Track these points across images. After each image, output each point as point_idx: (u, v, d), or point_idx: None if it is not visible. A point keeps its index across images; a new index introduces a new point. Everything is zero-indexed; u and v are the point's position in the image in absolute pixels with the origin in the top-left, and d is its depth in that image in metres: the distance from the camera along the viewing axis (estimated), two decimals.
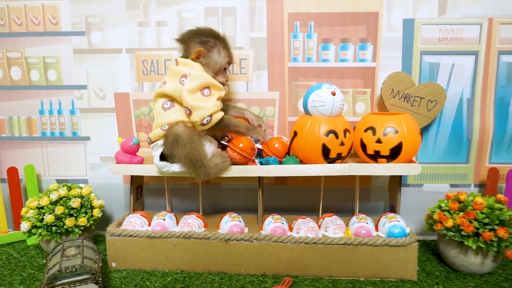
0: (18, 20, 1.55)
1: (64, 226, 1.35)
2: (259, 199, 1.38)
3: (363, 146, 1.27)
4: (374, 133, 1.24)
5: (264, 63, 1.49)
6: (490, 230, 1.18)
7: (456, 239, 1.21)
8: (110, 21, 1.52)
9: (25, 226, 1.36)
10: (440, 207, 1.30)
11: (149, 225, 1.35)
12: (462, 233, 1.20)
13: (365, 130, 1.26)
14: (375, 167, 1.27)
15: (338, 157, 1.28)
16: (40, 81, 1.59)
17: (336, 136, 1.25)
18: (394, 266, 1.21)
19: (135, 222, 1.33)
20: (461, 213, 1.23)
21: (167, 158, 1.27)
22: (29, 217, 1.36)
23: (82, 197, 1.43)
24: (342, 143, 1.26)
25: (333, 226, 1.28)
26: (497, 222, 1.19)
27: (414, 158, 1.46)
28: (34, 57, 1.57)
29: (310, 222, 1.30)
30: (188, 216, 1.36)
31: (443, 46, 1.44)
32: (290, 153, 1.38)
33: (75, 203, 1.38)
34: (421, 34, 1.43)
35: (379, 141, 1.23)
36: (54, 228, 1.35)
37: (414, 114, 1.41)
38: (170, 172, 1.28)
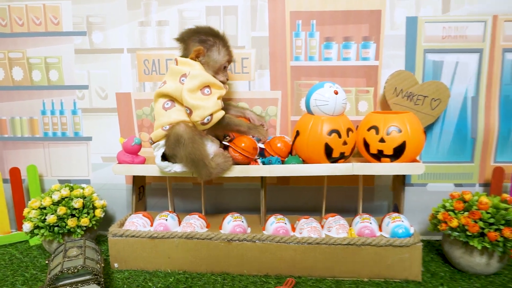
0: (20, 21, 1.55)
1: (66, 227, 1.35)
2: (262, 199, 1.37)
3: (366, 146, 1.26)
4: (377, 132, 1.23)
5: (266, 62, 1.48)
6: (496, 230, 1.17)
7: (461, 240, 1.20)
8: (111, 21, 1.52)
9: (27, 227, 1.36)
10: (445, 207, 1.29)
11: (151, 226, 1.35)
12: (467, 233, 1.19)
13: (368, 129, 1.25)
14: (379, 167, 1.26)
15: (341, 157, 1.27)
16: (42, 82, 1.59)
17: (339, 136, 1.24)
18: (398, 267, 1.20)
19: (137, 223, 1.33)
20: (466, 213, 1.22)
21: (169, 158, 1.27)
22: (31, 218, 1.36)
23: (84, 198, 1.43)
24: (345, 143, 1.25)
25: (336, 226, 1.27)
26: (503, 222, 1.17)
27: (418, 158, 1.44)
28: (36, 58, 1.57)
29: (313, 222, 1.29)
30: (190, 217, 1.36)
31: (447, 44, 1.42)
32: (293, 153, 1.37)
33: (77, 204, 1.38)
34: (425, 32, 1.42)
35: (383, 140, 1.22)
36: (56, 229, 1.35)
37: (418, 113, 1.40)
38: (172, 172, 1.28)
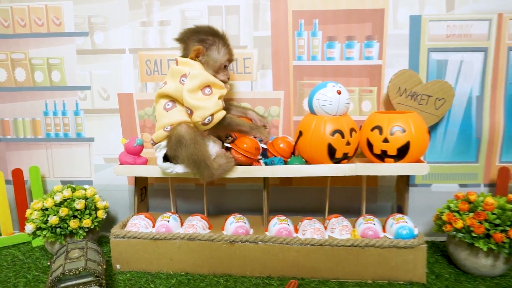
0: (22, 22, 1.55)
1: (68, 228, 1.35)
2: (264, 200, 1.36)
3: (370, 146, 1.25)
4: (381, 132, 1.22)
5: (269, 62, 1.47)
6: (502, 232, 1.15)
7: (466, 241, 1.18)
8: (113, 21, 1.51)
9: (30, 228, 1.36)
10: (449, 208, 1.27)
11: (154, 227, 1.34)
12: (473, 235, 1.17)
13: (372, 129, 1.24)
14: (382, 167, 1.24)
15: (344, 157, 1.25)
16: (44, 82, 1.59)
17: (342, 136, 1.22)
18: (402, 268, 1.18)
19: (139, 224, 1.32)
20: (471, 214, 1.20)
21: (171, 159, 1.26)
22: (34, 219, 1.36)
23: (86, 199, 1.42)
24: (348, 143, 1.24)
25: (340, 227, 1.26)
26: (509, 223, 1.16)
27: (422, 158, 1.43)
28: (38, 58, 1.57)
29: (316, 223, 1.28)
30: (193, 218, 1.35)
31: (451, 43, 1.40)
32: (295, 153, 1.36)
33: (79, 205, 1.37)
34: (428, 31, 1.41)
35: (386, 141, 1.21)
36: (59, 230, 1.35)
37: (422, 113, 1.38)
38: (174, 174, 1.27)
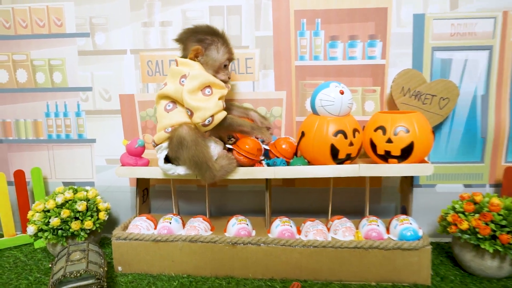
0: (23, 23, 1.55)
1: (70, 230, 1.34)
2: (267, 201, 1.35)
3: (373, 146, 1.23)
4: (385, 133, 1.20)
5: (271, 62, 1.46)
6: (508, 233, 1.13)
7: (472, 242, 1.17)
8: (114, 22, 1.51)
9: (31, 230, 1.36)
10: (454, 209, 1.25)
11: (155, 228, 1.33)
12: (478, 236, 1.16)
13: (375, 130, 1.23)
14: (386, 168, 1.23)
15: (347, 158, 1.24)
16: (46, 84, 1.58)
17: (345, 136, 1.21)
18: (407, 271, 1.17)
19: (141, 225, 1.31)
20: (477, 215, 1.19)
21: (172, 161, 1.25)
22: (35, 221, 1.36)
23: (88, 200, 1.42)
24: (351, 143, 1.22)
25: (343, 229, 1.25)
26: None
27: (426, 158, 1.41)
28: (40, 60, 1.57)
29: (319, 225, 1.27)
30: (195, 219, 1.34)
31: (456, 42, 1.39)
32: (298, 154, 1.35)
33: (81, 206, 1.37)
34: (432, 30, 1.39)
35: (390, 141, 1.20)
36: (60, 232, 1.34)
37: (426, 113, 1.37)
38: (175, 175, 1.26)
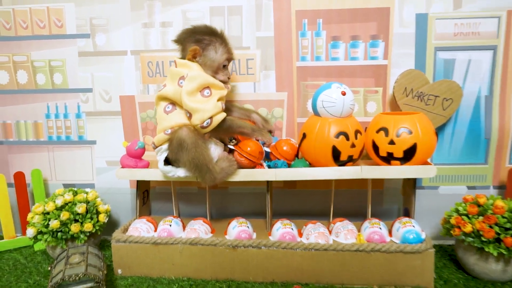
0: (24, 24, 1.55)
1: (70, 232, 1.33)
2: (268, 204, 1.34)
3: (375, 148, 1.22)
4: (387, 134, 1.19)
5: (272, 63, 1.45)
6: None
7: (476, 245, 1.15)
8: (115, 23, 1.50)
9: (31, 232, 1.35)
10: (458, 211, 1.24)
11: (155, 231, 1.32)
12: (482, 239, 1.14)
13: (377, 131, 1.21)
14: (388, 170, 1.21)
15: (349, 160, 1.23)
16: (46, 85, 1.58)
17: (347, 138, 1.20)
18: (410, 274, 1.15)
19: (141, 228, 1.30)
20: (481, 218, 1.17)
21: (172, 162, 1.24)
22: (35, 223, 1.35)
23: (88, 202, 1.41)
24: (353, 145, 1.21)
25: (345, 232, 1.23)
26: None
27: (429, 160, 1.40)
28: (40, 61, 1.56)
29: (321, 228, 1.26)
30: (195, 222, 1.33)
31: (459, 42, 1.37)
32: (299, 156, 1.34)
33: (81, 209, 1.36)
34: (435, 29, 1.37)
35: (392, 143, 1.18)
36: (60, 234, 1.33)
37: (429, 114, 1.35)
38: (176, 177, 1.25)
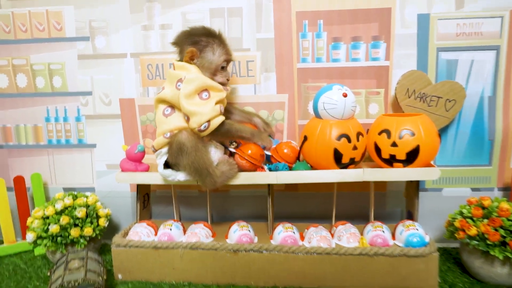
0: (23, 27, 1.54)
1: (69, 237, 1.32)
2: (269, 207, 1.32)
3: (378, 150, 1.20)
4: (389, 136, 1.17)
5: (272, 65, 1.44)
6: None
7: (481, 249, 1.13)
8: (114, 25, 1.49)
9: (31, 237, 1.34)
10: (462, 214, 1.22)
11: (156, 235, 1.31)
12: (487, 242, 1.12)
13: (380, 133, 1.20)
14: (391, 172, 1.20)
15: (351, 162, 1.21)
16: (46, 88, 1.57)
17: (349, 140, 1.18)
18: (413, 278, 1.14)
19: (141, 232, 1.29)
20: (485, 220, 1.15)
21: (172, 166, 1.23)
22: (35, 228, 1.34)
23: (88, 206, 1.40)
24: (355, 147, 1.19)
25: (347, 235, 1.22)
26: None
27: (433, 162, 1.38)
28: (39, 64, 1.56)
29: (323, 231, 1.24)
30: (196, 226, 1.32)
31: (461, 42, 1.35)
32: (300, 159, 1.32)
33: (80, 213, 1.35)
34: (437, 30, 1.36)
35: (395, 145, 1.17)
36: (59, 239, 1.32)
37: (432, 115, 1.34)
38: (176, 181, 1.24)
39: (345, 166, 1.22)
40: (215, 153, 1.24)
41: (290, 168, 1.29)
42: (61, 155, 1.60)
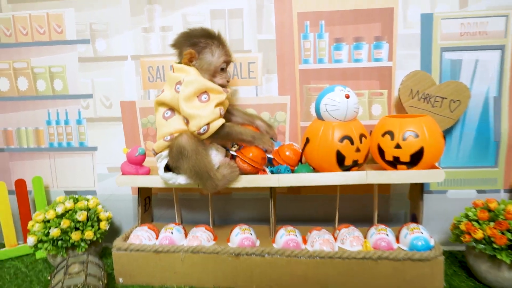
0: (24, 30, 1.54)
1: (70, 240, 1.31)
2: (271, 210, 1.31)
3: (381, 152, 1.19)
4: (393, 138, 1.16)
5: (274, 66, 1.42)
6: None
7: (487, 252, 1.11)
8: (115, 28, 1.48)
9: (31, 241, 1.33)
10: (467, 216, 1.20)
11: (157, 238, 1.30)
12: (494, 246, 1.10)
13: (383, 135, 1.18)
14: (395, 175, 1.18)
15: (354, 164, 1.19)
16: (47, 91, 1.57)
17: (351, 142, 1.17)
18: (418, 282, 1.12)
19: (142, 236, 1.28)
20: (492, 223, 1.13)
21: (173, 169, 1.22)
22: (35, 231, 1.33)
23: (89, 210, 1.39)
24: (358, 149, 1.18)
25: (350, 238, 1.20)
26: None
27: (437, 163, 1.36)
28: (40, 67, 1.55)
29: (326, 234, 1.22)
30: (197, 229, 1.31)
31: (466, 42, 1.34)
32: (303, 161, 1.31)
33: (81, 216, 1.34)
34: (441, 30, 1.34)
35: (398, 146, 1.15)
36: (60, 243, 1.31)
37: (436, 116, 1.32)
38: (176, 184, 1.23)
39: (348, 169, 1.20)
40: (216, 156, 1.23)
41: (292, 171, 1.27)
42: (62, 158, 1.59)
